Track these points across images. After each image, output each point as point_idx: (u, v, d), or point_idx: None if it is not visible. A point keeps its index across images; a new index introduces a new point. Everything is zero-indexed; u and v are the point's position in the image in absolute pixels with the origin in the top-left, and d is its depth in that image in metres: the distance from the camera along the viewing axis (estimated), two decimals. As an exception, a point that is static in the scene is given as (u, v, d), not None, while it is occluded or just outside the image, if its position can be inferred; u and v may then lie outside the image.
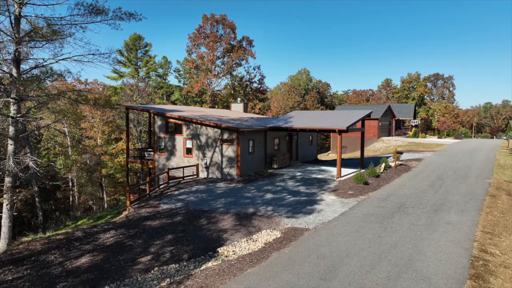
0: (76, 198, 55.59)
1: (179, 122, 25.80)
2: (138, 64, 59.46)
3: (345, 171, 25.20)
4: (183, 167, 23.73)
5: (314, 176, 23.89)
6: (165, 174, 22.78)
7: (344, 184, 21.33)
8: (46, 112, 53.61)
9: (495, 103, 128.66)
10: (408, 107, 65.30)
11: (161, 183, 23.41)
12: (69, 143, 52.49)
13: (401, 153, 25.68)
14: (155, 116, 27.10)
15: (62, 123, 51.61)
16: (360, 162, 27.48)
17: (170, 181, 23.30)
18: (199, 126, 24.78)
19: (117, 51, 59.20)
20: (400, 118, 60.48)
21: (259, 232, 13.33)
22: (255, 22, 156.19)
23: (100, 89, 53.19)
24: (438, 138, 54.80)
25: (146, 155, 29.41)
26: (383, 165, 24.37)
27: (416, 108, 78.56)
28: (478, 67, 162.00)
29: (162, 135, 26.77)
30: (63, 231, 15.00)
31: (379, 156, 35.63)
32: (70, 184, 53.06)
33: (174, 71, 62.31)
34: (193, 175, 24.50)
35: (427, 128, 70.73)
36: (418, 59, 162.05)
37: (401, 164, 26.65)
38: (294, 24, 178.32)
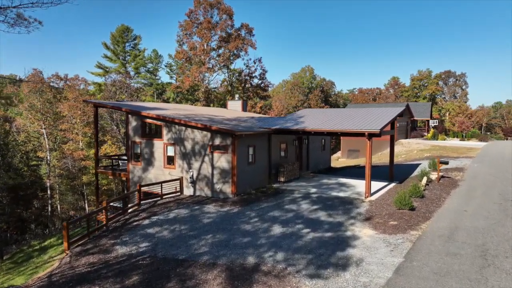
0: (58, 207, 49.78)
1: (158, 123, 20.05)
2: (126, 58, 53.65)
3: (372, 185, 19.39)
4: (161, 183, 17.97)
5: (334, 194, 18.13)
6: (137, 192, 17.00)
7: (378, 207, 15.59)
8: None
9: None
10: (423, 106, 59.58)
11: (134, 203, 17.70)
12: (47, 146, 46.79)
13: (446, 162, 19.91)
14: (129, 116, 21.35)
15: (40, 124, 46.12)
16: (389, 173, 21.73)
17: (144, 201, 17.59)
18: (184, 128, 19.02)
19: (102, 44, 53.70)
20: (416, 119, 54.76)
21: (266, 317, 7.57)
22: (254, 16, 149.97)
23: (82, 85, 47.42)
24: (460, 140, 49.05)
25: (121, 164, 23.68)
26: (424, 179, 18.60)
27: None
28: (484, 65, 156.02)
29: (137, 139, 21.02)
30: None
31: (403, 164, 29.90)
32: (49, 192, 47.24)
33: (166, 66, 56.42)
34: (175, 193, 18.74)
35: (442, 129, 65.03)
36: (425, 56, 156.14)
37: (442, 176, 20.90)
38: (296, 19, 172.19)
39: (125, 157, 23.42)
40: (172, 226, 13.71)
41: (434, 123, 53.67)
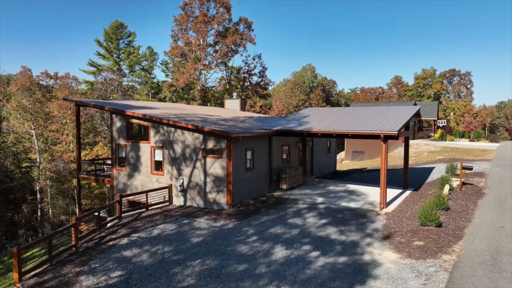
0: (50, 211, 47.63)
1: (145, 123, 17.83)
2: (120, 56, 51.38)
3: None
4: (146, 192, 15.74)
5: (344, 204, 15.90)
6: (117, 204, 14.75)
7: (397, 221, 13.36)
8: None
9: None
10: (429, 106, 57.39)
11: (114, 216, 15.47)
12: (37, 147, 44.68)
13: (470, 168, 17.67)
14: (113, 116, 19.11)
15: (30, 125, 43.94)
16: (403, 179, 19.50)
17: (127, 213, 15.37)
18: (173, 129, 16.80)
19: (95, 41, 51.46)
20: (422, 118, 52.53)
21: None
22: (254, 13, 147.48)
23: (73, 84, 45.13)
24: (470, 141, 46.81)
25: (106, 169, 21.47)
26: (446, 188, 16.35)
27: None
28: (485, 64, 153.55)
29: (122, 142, 18.78)
30: None
31: (414, 167, 27.66)
32: (38, 195, 45.09)
33: (161, 63, 54.12)
34: (164, 202, 16.53)
35: (450, 129, 62.88)
36: (425, 56, 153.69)
37: (463, 183, 18.65)
38: (297, 17, 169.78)
39: (109, 162, 21.22)
40: (154, 247, 11.47)
41: (442, 123, 51.38)
